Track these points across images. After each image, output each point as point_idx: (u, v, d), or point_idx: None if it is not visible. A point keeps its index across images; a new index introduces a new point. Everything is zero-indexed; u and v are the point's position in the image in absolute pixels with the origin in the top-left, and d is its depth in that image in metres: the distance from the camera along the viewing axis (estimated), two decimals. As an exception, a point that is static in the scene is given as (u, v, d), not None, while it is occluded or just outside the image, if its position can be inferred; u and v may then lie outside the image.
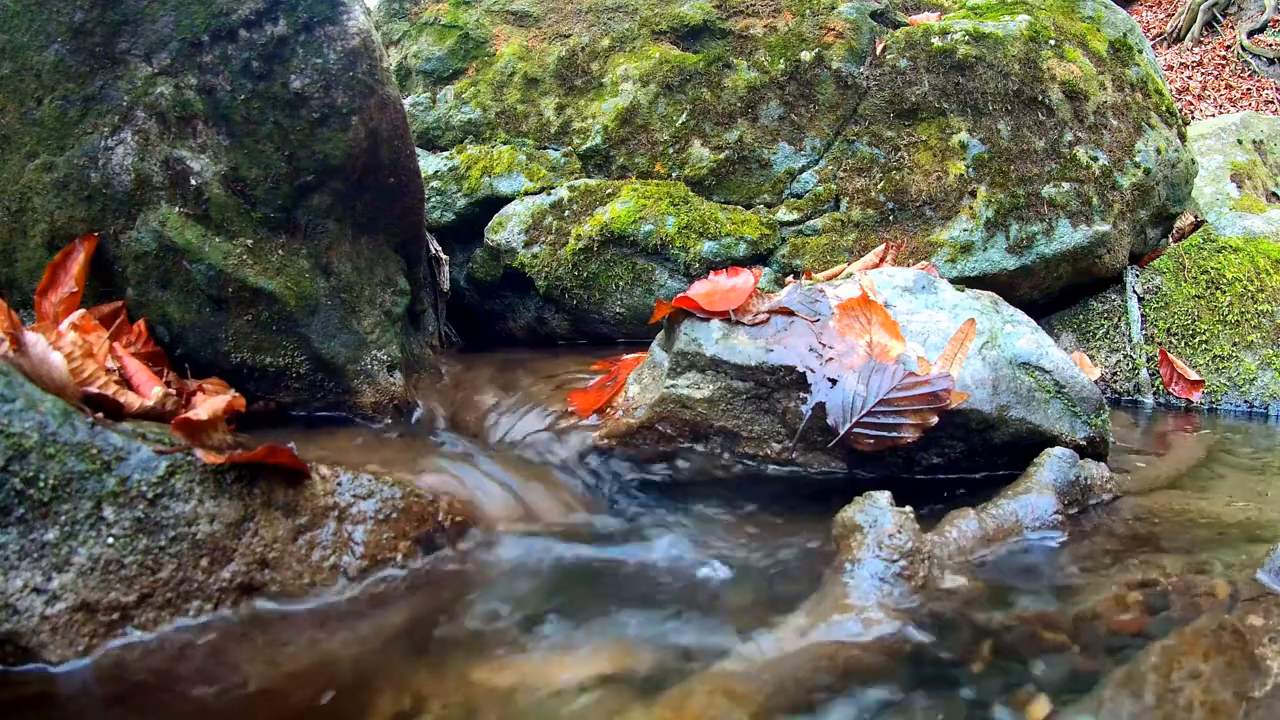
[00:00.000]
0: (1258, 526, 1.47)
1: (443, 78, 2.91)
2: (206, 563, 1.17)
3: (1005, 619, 1.16)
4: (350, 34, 1.67)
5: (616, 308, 2.54)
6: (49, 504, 1.10)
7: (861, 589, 1.19)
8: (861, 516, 1.28)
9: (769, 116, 2.65)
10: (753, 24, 2.75)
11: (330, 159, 1.70)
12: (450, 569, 1.34)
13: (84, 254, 1.63)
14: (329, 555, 1.27)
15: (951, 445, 1.62)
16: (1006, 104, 2.57)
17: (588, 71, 2.78)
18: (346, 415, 1.82)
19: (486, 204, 2.70)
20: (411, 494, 1.37)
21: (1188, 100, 10.34)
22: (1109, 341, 2.73)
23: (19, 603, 1.05)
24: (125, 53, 1.63)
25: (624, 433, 1.69)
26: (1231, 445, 2.14)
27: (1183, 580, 1.23)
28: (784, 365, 1.61)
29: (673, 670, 1.04)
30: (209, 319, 1.68)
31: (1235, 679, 0.96)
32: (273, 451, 1.25)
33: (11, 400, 1.12)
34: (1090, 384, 1.67)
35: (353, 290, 1.82)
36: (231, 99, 1.63)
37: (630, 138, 2.69)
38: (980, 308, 1.73)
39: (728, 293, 1.72)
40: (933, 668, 1.05)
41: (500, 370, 2.16)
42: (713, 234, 2.50)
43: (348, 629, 1.16)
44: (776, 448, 1.64)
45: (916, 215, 2.53)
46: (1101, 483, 1.58)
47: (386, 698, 1.00)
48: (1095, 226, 2.54)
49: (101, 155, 1.62)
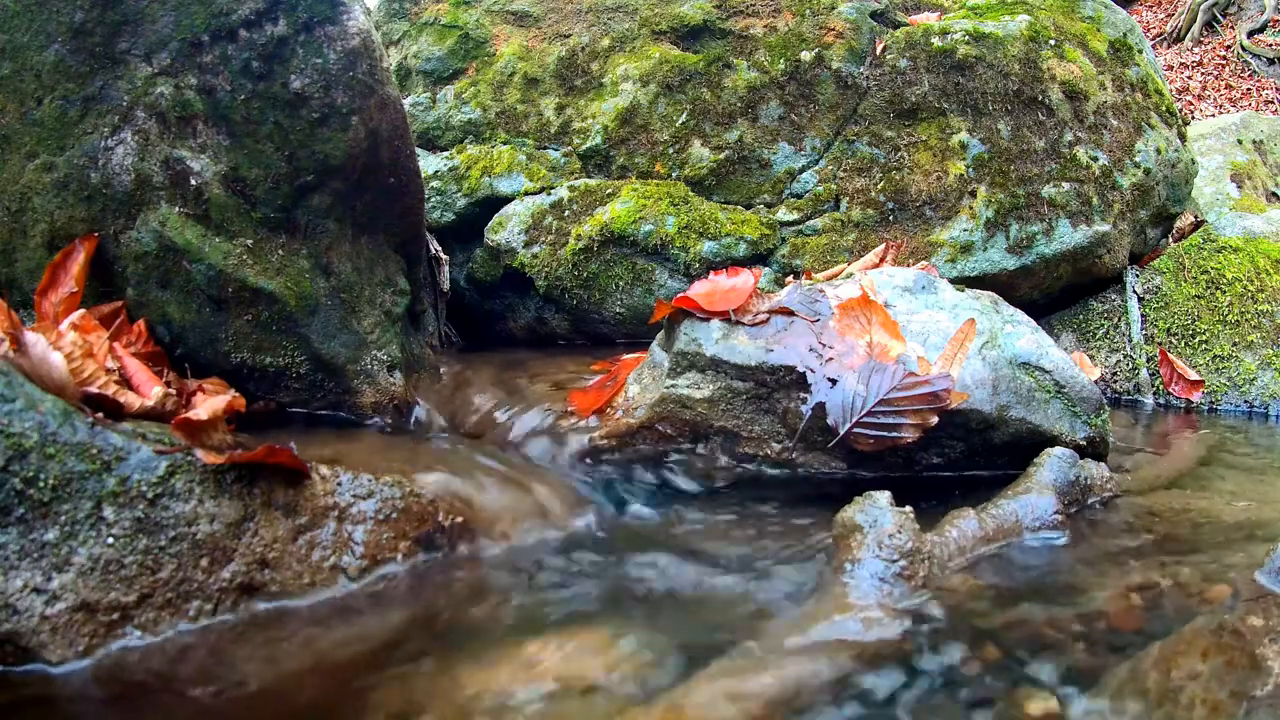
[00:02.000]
0: (1258, 526, 1.47)
1: (443, 78, 2.91)
2: (206, 563, 1.17)
3: (1005, 619, 1.16)
4: (350, 34, 1.67)
5: (616, 308, 2.54)
6: (49, 504, 1.10)
7: (861, 589, 1.19)
8: (861, 516, 1.28)
9: (769, 116, 2.65)
10: (753, 24, 2.75)
11: (330, 159, 1.70)
12: (450, 569, 1.34)
13: (84, 254, 1.63)
14: (329, 555, 1.27)
15: (951, 445, 1.62)
16: (1006, 104, 2.57)
17: (588, 71, 2.78)
18: (346, 415, 1.82)
19: (486, 204, 2.70)
20: (411, 494, 1.37)
21: (1188, 100, 10.34)
22: (1109, 341, 2.73)
23: (19, 603, 1.05)
24: (125, 53, 1.63)
25: (624, 433, 1.69)
26: (1231, 445, 2.13)
27: (1183, 580, 1.23)
28: (784, 365, 1.61)
29: (673, 670, 1.04)
30: (209, 319, 1.68)
31: (1235, 679, 0.96)
32: (273, 451, 1.25)
33: (11, 400, 1.12)
34: (1090, 384, 1.67)
35: (353, 290, 1.82)
36: (231, 99, 1.63)
37: (630, 138, 2.69)
38: (980, 308, 1.73)
39: (728, 293, 1.72)
40: (933, 667, 1.05)
41: (500, 370, 2.16)
42: (713, 234, 2.50)
43: (348, 629, 1.17)
44: (776, 448, 1.64)
45: (916, 215, 2.53)
46: (1101, 483, 1.58)
47: (386, 697, 1.00)
48: (1095, 226, 2.54)
49: (101, 155, 1.62)
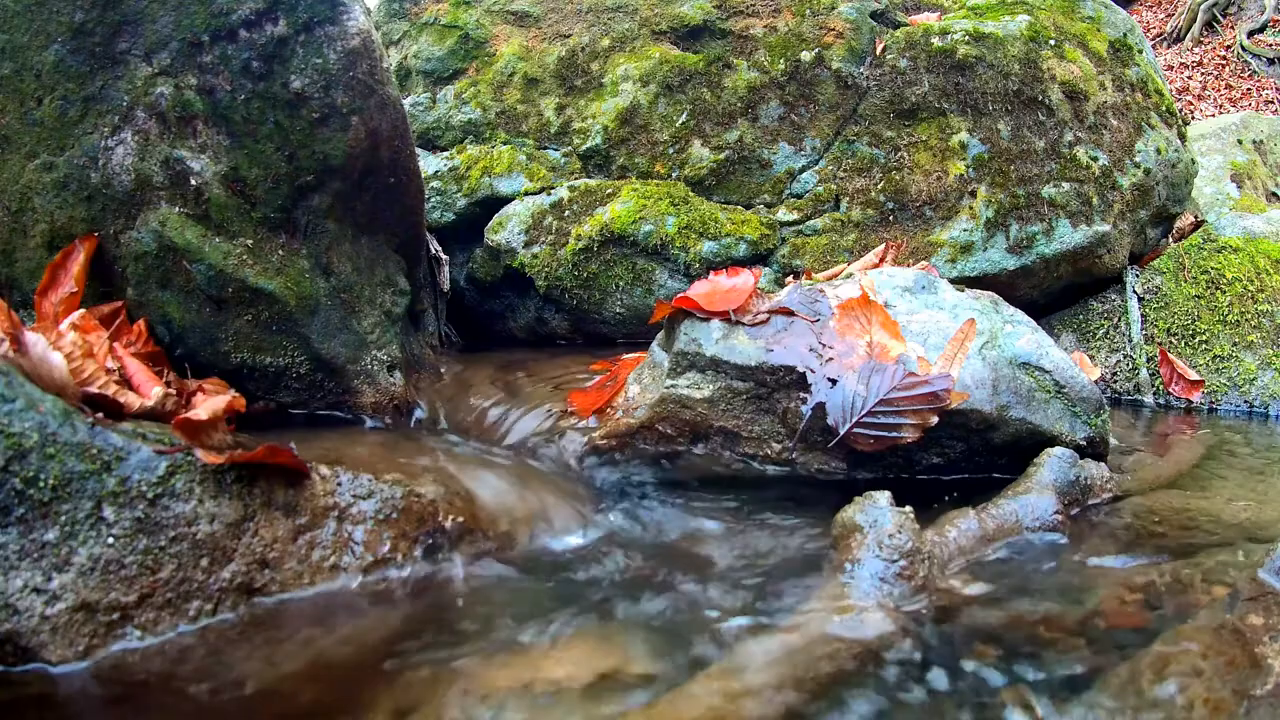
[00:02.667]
0: (1258, 526, 1.47)
1: (443, 78, 2.91)
2: (206, 563, 1.17)
3: (1005, 618, 1.16)
4: (350, 34, 1.67)
5: (616, 308, 2.54)
6: (49, 504, 1.10)
7: (861, 589, 1.19)
8: (861, 516, 1.28)
9: (769, 116, 2.65)
10: (753, 24, 2.75)
11: (330, 159, 1.70)
12: (450, 569, 1.34)
13: (84, 254, 1.63)
14: (329, 555, 1.27)
15: (951, 445, 1.62)
16: (1006, 104, 2.56)
17: (588, 71, 2.78)
18: (347, 415, 1.82)
19: (486, 204, 2.70)
20: (411, 494, 1.37)
21: (1188, 100, 10.34)
22: (1109, 341, 2.73)
23: (19, 603, 1.05)
24: (125, 53, 1.63)
25: (624, 433, 1.69)
26: (1231, 445, 2.13)
27: (1183, 580, 1.23)
28: (784, 365, 1.61)
29: (672, 671, 1.04)
30: (209, 319, 1.68)
31: (1235, 678, 0.96)
32: (273, 451, 1.25)
33: (11, 400, 1.12)
34: (1090, 384, 1.67)
35: (353, 290, 1.82)
36: (231, 99, 1.63)
37: (630, 138, 2.69)
38: (980, 308, 1.73)
39: (728, 293, 1.72)
40: (933, 667, 1.05)
41: (500, 370, 2.16)
42: (713, 234, 2.50)
43: (348, 629, 1.16)
44: (776, 448, 1.64)
45: (916, 215, 2.53)
46: (1101, 483, 1.58)
47: (386, 697, 1.00)
48: (1095, 226, 2.54)
49: (101, 155, 1.62)
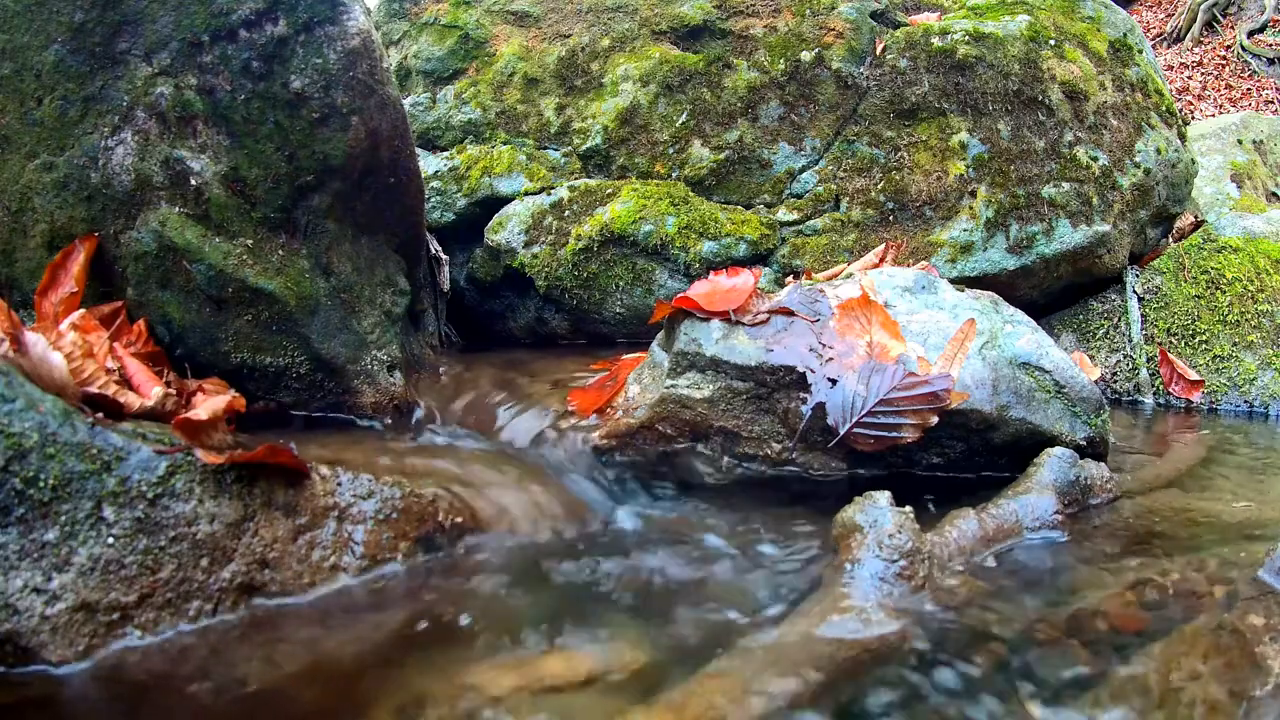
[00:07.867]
0: (1258, 526, 1.47)
1: (443, 78, 2.91)
2: (206, 563, 1.17)
3: (1005, 619, 1.16)
4: (350, 34, 1.67)
5: (616, 308, 2.54)
6: (49, 504, 1.10)
7: (862, 589, 1.19)
8: (861, 516, 1.28)
9: (769, 116, 2.65)
10: (753, 24, 2.75)
11: (330, 159, 1.70)
12: (450, 569, 1.34)
13: (84, 254, 1.63)
14: (329, 555, 1.27)
15: (951, 445, 1.62)
16: (1006, 104, 2.56)
17: (588, 71, 2.78)
18: (347, 415, 1.82)
19: (486, 204, 2.70)
20: (411, 494, 1.37)
21: (1188, 100, 10.34)
22: (1109, 341, 2.73)
23: (19, 603, 1.05)
24: (125, 53, 1.63)
25: (624, 433, 1.69)
26: (1231, 445, 2.13)
27: (1183, 580, 1.23)
28: (784, 365, 1.61)
29: (672, 670, 1.04)
30: (209, 319, 1.68)
31: (1236, 678, 0.96)
32: (273, 451, 1.25)
33: (11, 400, 1.12)
34: (1090, 384, 1.67)
35: (353, 290, 1.82)
36: (231, 99, 1.63)
37: (630, 138, 2.69)
38: (980, 308, 1.73)
39: (728, 293, 1.72)
40: (933, 667, 1.05)
41: (500, 370, 2.16)
42: (713, 234, 2.50)
43: (348, 629, 1.16)
44: (776, 448, 1.64)
45: (916, 215, 2.53)
46: (1101, 483, 1.58)
47: (386, 697, 1.00)
48: (1095, 226, 2.54)
49: (101, 155, 1.62)
